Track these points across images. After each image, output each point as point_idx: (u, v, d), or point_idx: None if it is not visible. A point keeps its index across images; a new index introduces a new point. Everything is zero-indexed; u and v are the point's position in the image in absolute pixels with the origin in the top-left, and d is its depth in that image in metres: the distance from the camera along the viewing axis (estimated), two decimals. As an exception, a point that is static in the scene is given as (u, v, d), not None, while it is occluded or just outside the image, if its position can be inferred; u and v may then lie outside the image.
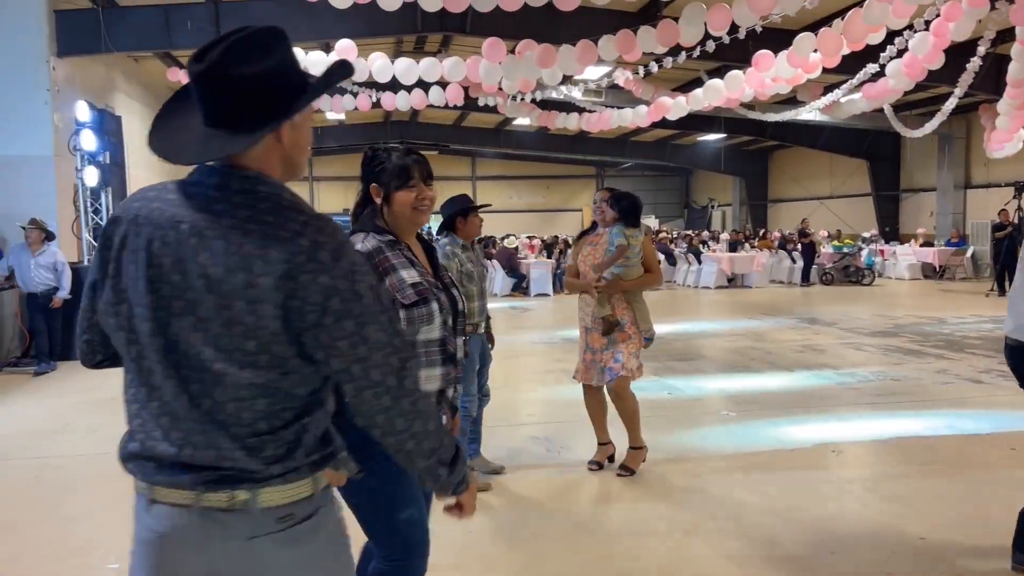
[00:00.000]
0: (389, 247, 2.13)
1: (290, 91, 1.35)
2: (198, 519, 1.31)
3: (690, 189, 36.29)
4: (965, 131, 19.95)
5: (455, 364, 2.22)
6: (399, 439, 1.38)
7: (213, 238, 1.27)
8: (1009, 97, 10.38)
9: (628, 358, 4.42)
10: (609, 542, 3.60)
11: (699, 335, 10.27)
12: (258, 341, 1.28)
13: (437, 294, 2.14)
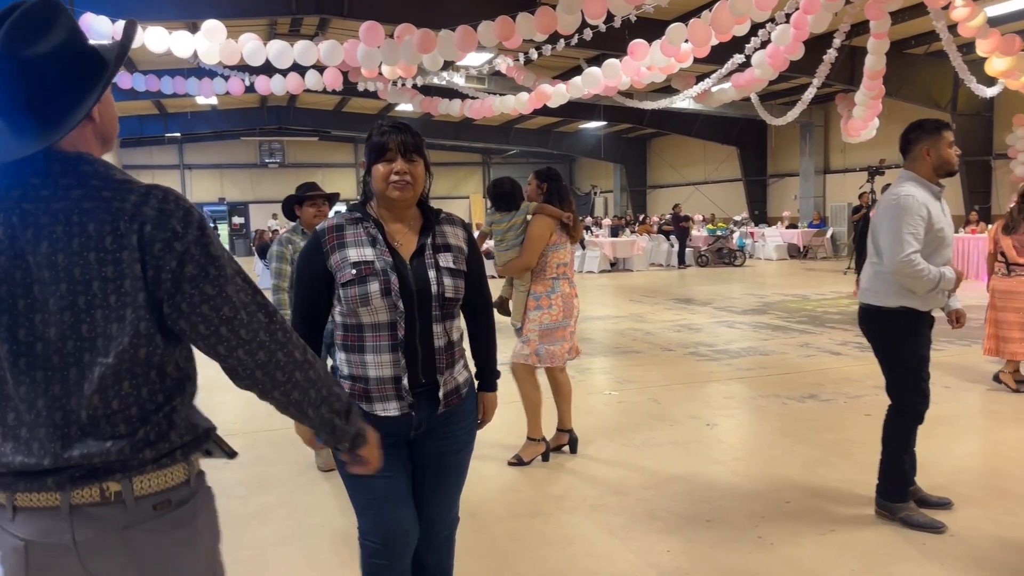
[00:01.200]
0: (351, 224, 2.08)
1: (88, 65, 1.27)
2: (67, 519, 1.24)
3: (574, 176, 36.99)
4: (824, 119, 21.32)
5: (415, 350, 2.05)
6: (284, 392, 1.36)
7: (49, 225, 1.20)
8: (865, 88, 11.14)
9: (519, 343, 4.47)
10: (492, 525, 3.62)
11: (584, 319, 10.46)
12: (122, 322, 1.22)
13: (386, 275, 1.99)
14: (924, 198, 3.32)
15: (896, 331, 3.42)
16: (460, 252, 2.15)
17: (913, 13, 11.50)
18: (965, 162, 17.09)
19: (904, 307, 3.36)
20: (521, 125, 26.80)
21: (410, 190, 2.07)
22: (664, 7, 8.02)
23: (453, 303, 2.11)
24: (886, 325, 3.43)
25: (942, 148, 3.37)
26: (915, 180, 3.40)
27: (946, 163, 3.38)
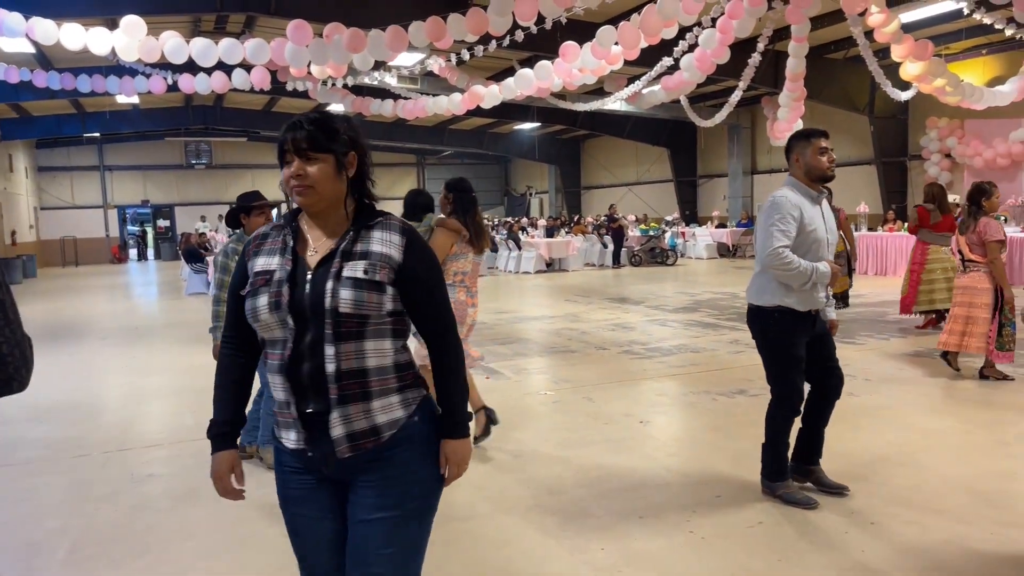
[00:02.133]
0: (275, 232, 1.92)
1: None
2: None
3: (509, 177, 37.11)
4: (751, 121, 21.93)
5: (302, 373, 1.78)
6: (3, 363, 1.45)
7: None
8: (788, 90, 11.49)
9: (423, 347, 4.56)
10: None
11: (520, 319, 10.53)
12: None
13: (280, 286, 1.79)
14: (797, 200, 3.56)
15: (774, 329, 3.64)
16: (383, 261, 1.80)
17: (832, 19, 11.92)
18: (882, 163, 17.85)
19: (781, 306, 3.58)
20: (455, 126, 26.74)
21: (311, 194, 1.81)
22: (594, 10, 8.10)
23: (353, 320, 1.76)
24: (765, 323, 3.66)
25: (809, 155, 3.58)
26: (792, 184, 3.66)
27: (814, 168, 3.59)
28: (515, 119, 22.97)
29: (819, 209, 3.64)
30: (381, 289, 1.80)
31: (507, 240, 19.34)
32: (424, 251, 1.89)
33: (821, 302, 3.67)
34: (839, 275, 3.58)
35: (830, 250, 3.69)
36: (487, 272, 18.06)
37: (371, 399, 1.80)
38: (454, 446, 1.91)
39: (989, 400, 5.63)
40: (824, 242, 3.62)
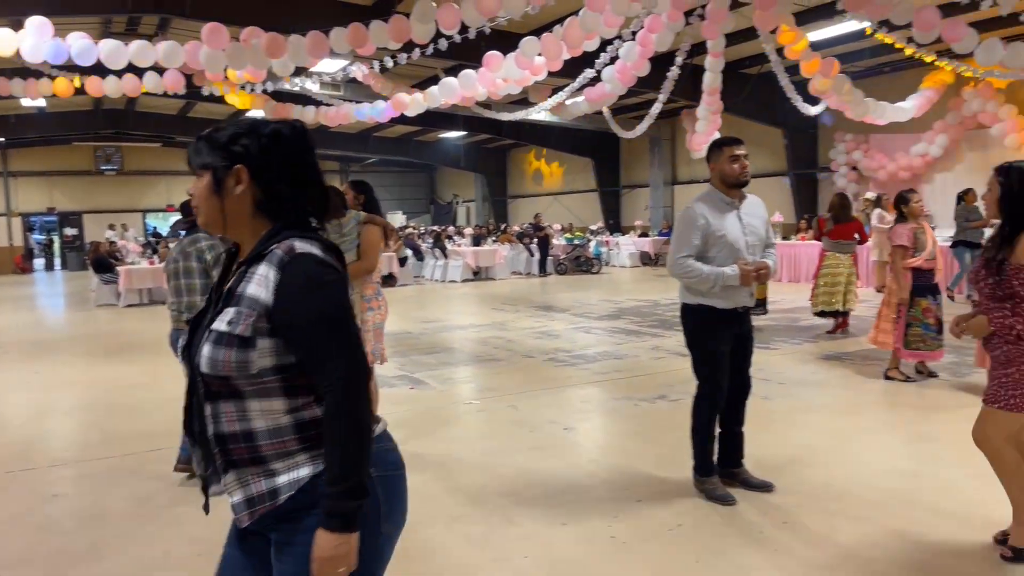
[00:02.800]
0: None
1: None
2: None
3: (435, 185, 36.99)
4: (671, 134, 22.49)
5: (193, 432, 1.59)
6: None
7: None
8: (705, 104, 11.84)
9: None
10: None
11: (446, 328, 10.48)
12: None
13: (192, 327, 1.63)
14: (704, 209, 3.76)
15: (695, 325, 3.85)
16: (251, 307, 1.49)
17: (747, 35, 12.34)
18: (795, 175, 18.57)
19: (701, 304, 3.79)
20: (380, 133, 26.50)
21: (199, 215, 1.62)
22: (517, 20, 8.17)
23: (216, 381, 1.51)
24: (688, 320, 3.88)
25: (722, 162, 3.78)
26: (707, 193, 3.87)
27: (727, 175, 3.78)
28: (441, 127, 22.91)
29: (735, 214, 3.78)
30: (247, 345, 1.48)
31: (433, 249, 19.26)
32: (306, 291, 1.50)
33: (747, 301, 3.82)
34: (748, 277, 3.69)
35: (753, 251, 3.80)
36: (413, 281, 17.93)
37: (266, 463, 1.55)
38: (320, 540, 1.50)
39: (894, 401, 5.91)
40: (737, 246, 3.74)
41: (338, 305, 1.54)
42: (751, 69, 16.14)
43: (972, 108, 14.69)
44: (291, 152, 1.61)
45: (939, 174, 15.81)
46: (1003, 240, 3.00)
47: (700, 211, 3.74)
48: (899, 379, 6.44)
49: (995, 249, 3.03)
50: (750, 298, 3.84)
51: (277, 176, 1.59)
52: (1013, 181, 3.02)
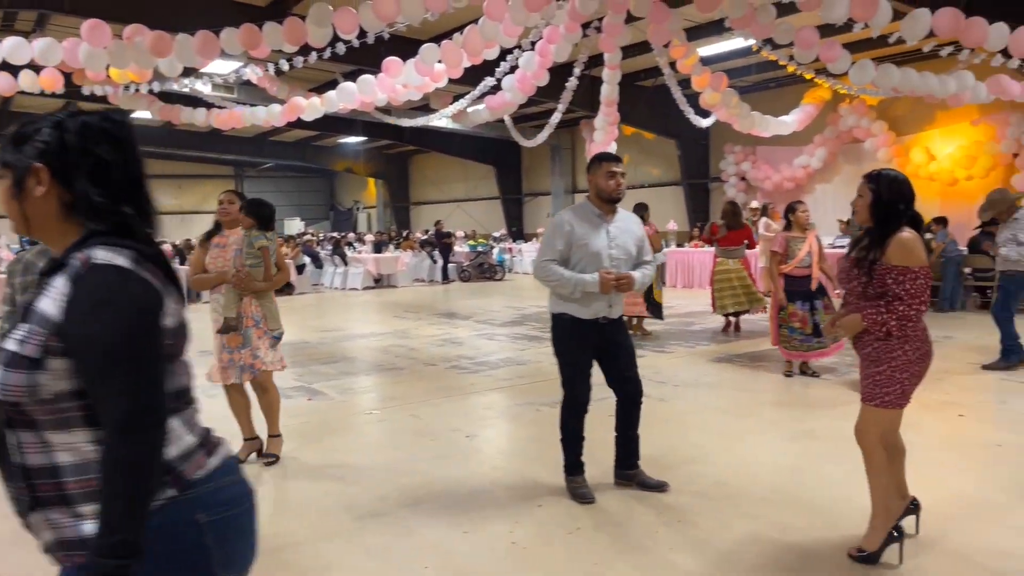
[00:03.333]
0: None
1: None
2: None
3: (335, 191, 36.30)
4: (571, 143, 22.91)
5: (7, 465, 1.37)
6: None
7: None
8: (603, 114, 12.08)
9: (267, 352, 4.68)
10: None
11: (346, 337, 10.28)
12: None
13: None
14: (572, 217, 3.93)
15: (558, 333, 3.98)
16: (41, 324, 1.31)
17: (642, 49, 12.71)
18: (688, 184, 19.28)
19: (563, 313, 3.93)
20: (276, 137, 25.78)
21: (10, 221, 1.45)
22: (417, 27, 8.12)
23: (9, 407, 1.32)
24: (553, 327, 4.01)
25: (599, 176, 3.92)
26: (580, 204, 4.04)
27: (601, 190, 3.92)
28: (340, 132, 22.52)
29: (604, 228, 3.92)
30: (36, 366, 1.30)
31: (333, 256, 18.87)
32: (89, 310, 1.30)
33: (606, 312, 3.92)
34: (608, 284, 3.79)
35: (617, 264, 3.89)
36: (311, 289, 17.51)
37: (74, 503, 1.34)
38: None
39: (781, 400, 6.20)
40: (600, 256, 3.86)
41: (123, 331, 1.30)
42: (647, 81, 16.66)
43: (848, 123, 15.68)
44: (104, 148, 1.42)
45: (819, 185, 16.78)
46: (873, 242, 3.20)
47: (567, 218, 3.91)
48: (784, 373, 6.97)
49: (866, 250, 3.22)
50: (609, 309, 3.94)
51: (87, 175, 1.39)
52: (882, 188, 3.22)
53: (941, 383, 6.58)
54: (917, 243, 3.13)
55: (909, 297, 3.07)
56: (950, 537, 3.45)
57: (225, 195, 4.75)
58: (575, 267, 3.87)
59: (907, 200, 3.20)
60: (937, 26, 7.52)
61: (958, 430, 5.19)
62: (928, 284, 3.12)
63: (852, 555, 3.25)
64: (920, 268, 3.08)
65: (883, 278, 3.13)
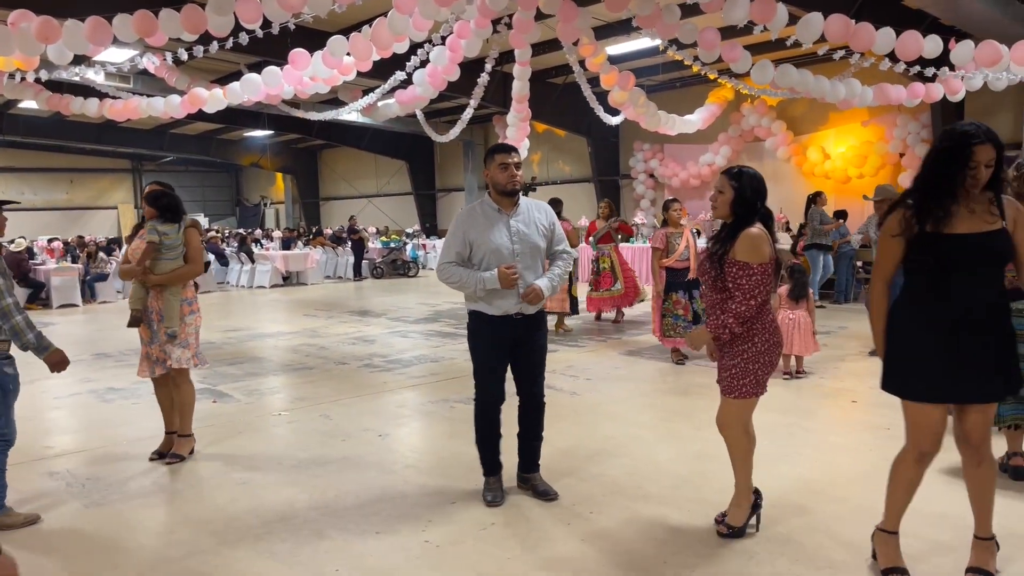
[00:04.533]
0: None
1: None
2: None
3: (241, 186, 35.15)
4: (484, 138, 22.90)
5: None
6: None
7: None
8: (514, 111, 12.12)
9: (174, 348, 4.59)
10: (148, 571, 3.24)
11: (253, 337, 9.97)
12: None
13: None
14: (467, 217, 3.83)
15: (470, 330, 3.93)
16: None
17: (552, 46, 12.83)
18: (599, 181, 19.59)
19: (474, 310, 3.86)
20: (177, 130, 24.73)
21: None
22: (324, 18, 7.93)
23: None
24: (468, 324, 3.94)
25: (492, 170, 3.78)
26: (480, 200, 3.91)
27: (496, 183, 3.78)
28: (245, 125, 21.78)
29: (503, 222, 3.78)
30: None
31: (239, 253, 18.27)
32: None
33: (512, 308, 3.76)
34: (509, 279, 3.67)
35: (522, 259, 3.74)
36: (216, 288, 16.90)
37: None
38: None
39: (686, 390, 6.38)
40: (501, 253, 3.72)
41: None
42: (558, 79, 16.82)
43: (750, 123, 16.28)
44: None
45: (723, 182, 17.34)
46: (726, 237, 3.33)
47: (463, 219, 3.83)
48: (674, 361, 7.42)
49: (719, 244, 3.34)
50: (519, 305, 3.77)
51: None
52: (744, 184, 3.34)
53: (837, 371, 6.93)
54: (763, 240, 3.25)
55: (742, 293, 3.22)
56: (839, 516, 3.63)
57: (151, 187, 4.77)
58: (479, 266, 3.76)
59: (763, 197, 3.35)
60: (828, 30, 7.88)
61: (851, 415, 5.47)
62: (764, 280, 3.22)
63: (721, 533, 3.45)
64: (759, 265, 3.21)
65: (729, 271, 3.27)
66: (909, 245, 2.79)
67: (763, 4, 7.58)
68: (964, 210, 2.74)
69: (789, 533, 3.47)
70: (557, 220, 4.01)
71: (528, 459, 4.08)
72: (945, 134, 2.77)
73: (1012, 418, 4.03)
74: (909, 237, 2.78)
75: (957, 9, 9.54)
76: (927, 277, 2.81)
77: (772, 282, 3.33)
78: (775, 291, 3.24)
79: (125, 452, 4.96)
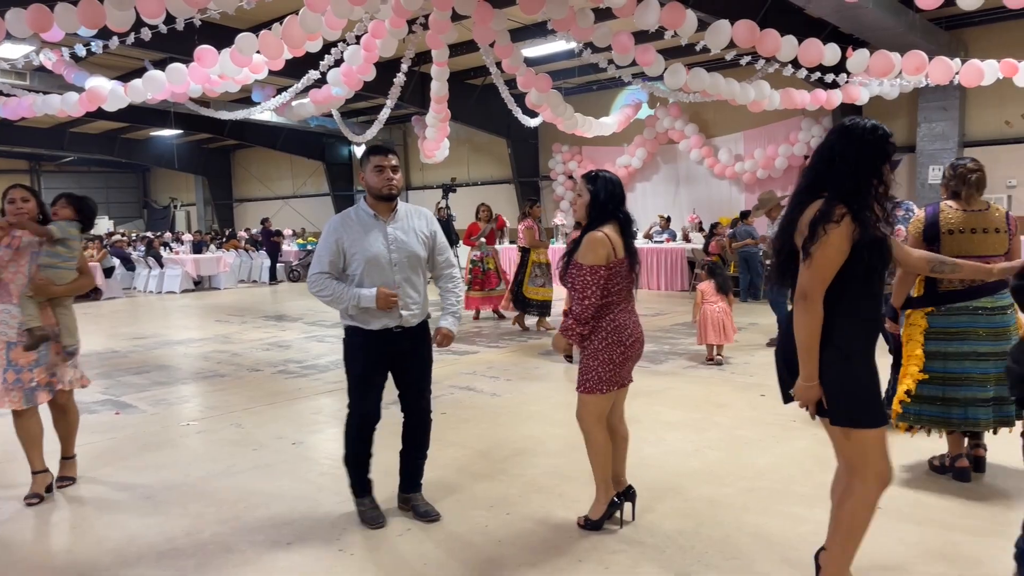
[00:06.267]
0: None
1: None
2: None
3: (148, 188, 33.79)
4: (404, 139, 22.68)
5: None
6: None
7: None
8: (433, 111, 12.05)
9: (66, 369, 4.20)
10: (36, 601, 3.06)
11: (162, 344, 9.57)
12: None
13: None
14: (342, 223, 3.51)
15: (346, 345, 3.66)
16: None
17: (470, 47, 12.82)
18: (519, 182, 19.68)
19: (350, 325, 3.60)
20: (78, 129, 23.53)
21: None
22: (232, 15, 7.68)
23: None
24: (344, 339, 3.68)
25: (367, 173, 3.52)
26: (355, 206, 3.61)
27: (372, 187, 3.51)
28: (152, 124, 20.91)
29: (379, 230, 3.51)
30: None
31: (146, 257, 17.54)
32: None
33: (399, 320, 3.54)
34: (387, 299, 3.43)
35: (401, 268, 3.52)
36: (122, 294, 16.17)
37: None
38: None
39: (604, 389, 6.46)
40: (379, 263, 3.48)
41: None
42: (476, 80, 16.81)
43: (664, 125, 16.67)
44: None
45: (639, 183, 17.71)
46: (578, 239, 3.45)
47: (336, 225, 3.53)
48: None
49: (575, 246, 3.45)
50: (401, 318, 3.56)
51: None
52: (599, 188, 3.43)
53: (748, 365, 7.17)
54: (600, 243, 3.33)
55: (576, 293, 3.34)
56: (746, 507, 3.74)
57: (16, 191, 4.10)
58: (354, 277, 3.49)
59: (617, 201, 3.45)
60: (736, 36, 8.14)
61: (759, 409, 5.65)
62: (595, 281, 3.30)
63: (579, 524, 3.56)
64: (589, 267, 3.32)
65: (570, 272, 3.39)
66: (853, 252, 2.49)
67: (673, 10, 7.77)
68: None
69: (698, 526, 3.56)
70: (439, 228, 3.76)
71: (411, 478, 3.82)
72: (863, 131, 2.53)
73: (996, 421, 3.85)
74: (854, 244, 2.49)
75: (855, 18, 10.01)
76: (862, 286, 2.54)
77: (618, 283, 3.40)
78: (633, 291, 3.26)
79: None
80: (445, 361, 7.77)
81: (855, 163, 2.51)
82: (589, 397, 3.46)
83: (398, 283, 3.52)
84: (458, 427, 5.37)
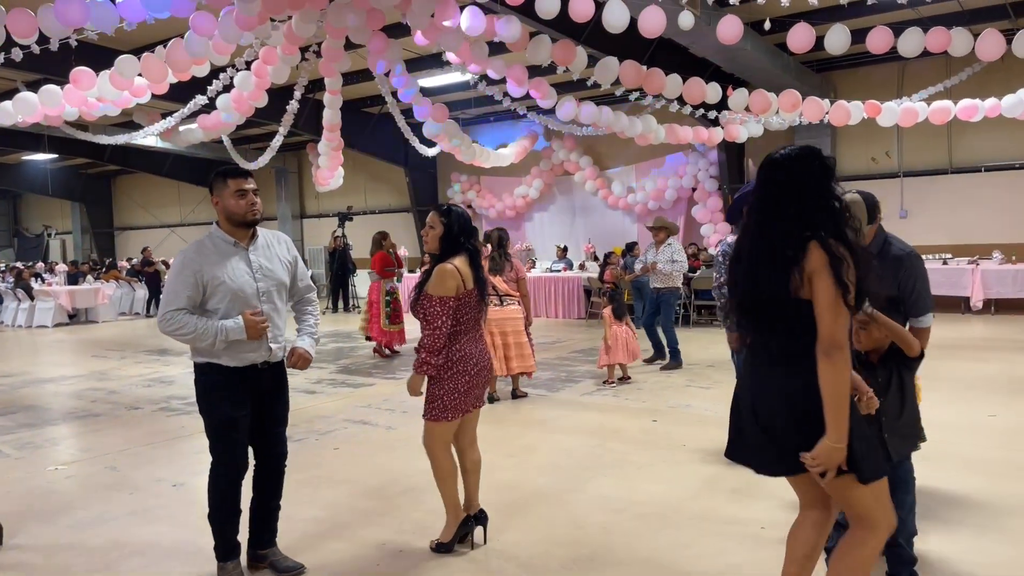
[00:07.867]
0: None
1: None
2: None
3: (19, 215, 31.65)
4: (298, 166, 22.23)
5: None
6: None
7: None
8: (326, 139, 11.88)
9: None
10: None
11: (29, 383, 8.91)
12: None
13: None
14: (197, 253, 3.21)
15: (202, 388, 3.27)
16: None
17: (365, 76, 12.76)
18: (417, 211, 19.62)
19: (208, 363, 3.23)
20: (-60, 152, 21.86)
21: None
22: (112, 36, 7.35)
23: None
24: (196, 381, 3.29)
25: (225, 197, 3.23)
26: (208, 234, 3.31)
27: (232, 212, 3.24)
28: (23, 148, 19.65)
29: (240, 257, 3.27)
30: None
31: (15, 289, 16.36)
32: None
33: (259, 357, 3.28)
34: (254, 329, 3.18)
35: (268, 297, 3.30)
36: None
37: None
38: None
39: (502, 418, 6.45)
40: (244, 293, 3.23)
41: None
42: (373, 108, 16.72)
43: (559, 157, 17.05)
44: None
45: (537, 213, 18.01)
46: (429, 271, 3.52)
47: (191, 256, 3.20)
48: (523, 395, 7.19)
49: (426, 277, 3.52)
50: (269, 352, 3.30)
51: None
52: (452, 221, 3.53)
53: (640, 392, 7.33)
54: (449, 275, 3.42)
55: (425, 323, 3.44)
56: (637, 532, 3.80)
57: None
58: (218, 311, 3.18)
59: (468, 234, 3.56)
60: (623, 74, 8.45)
61: (651, 435, 5.78)
62: (444, 312, 3.39)
63: (431, 547, 3.61)
64: (438, 298, 3.40)
65: (421, 303, 3.47)
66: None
67: (564, 47, 7.99)
68: None
69: (593, 552, 3.58)
70: (298, 254, 3.55)
71: (268, 531, 3.50)
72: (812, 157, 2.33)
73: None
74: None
75: (734, 59, 10.59)
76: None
77: (467, 314, 3.49)
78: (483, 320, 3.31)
79: None
80: (339, 395, 7.58)
81: (825, 190, 2.31)
82: (435, 425, 3.51)
83: (267, 313, 3.27)
84: (350, 463, 5.23)
